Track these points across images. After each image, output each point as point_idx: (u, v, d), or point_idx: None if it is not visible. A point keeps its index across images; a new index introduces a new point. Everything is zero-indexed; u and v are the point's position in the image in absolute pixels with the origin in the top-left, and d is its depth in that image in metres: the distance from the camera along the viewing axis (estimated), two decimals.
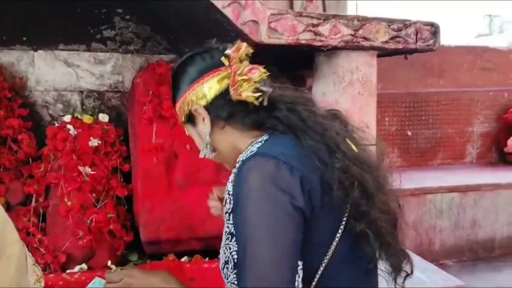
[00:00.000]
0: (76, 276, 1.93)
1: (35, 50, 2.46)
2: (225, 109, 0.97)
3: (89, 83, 2.54)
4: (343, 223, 0.90)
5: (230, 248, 0.89)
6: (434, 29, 1.89)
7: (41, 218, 2.13)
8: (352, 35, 1.73)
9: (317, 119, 0.95)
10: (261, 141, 0.94)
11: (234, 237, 0.88)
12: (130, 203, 2.30)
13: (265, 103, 0.95)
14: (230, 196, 0.90)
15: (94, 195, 2.13)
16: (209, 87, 0.96)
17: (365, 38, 1.75)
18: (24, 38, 2.43)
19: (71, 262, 2.03)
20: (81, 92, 2.55)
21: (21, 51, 2.43)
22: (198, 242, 2.23)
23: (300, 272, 0.85)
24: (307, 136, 0.92)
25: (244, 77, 0.94)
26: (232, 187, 0.91)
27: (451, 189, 2.92)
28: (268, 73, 0.96)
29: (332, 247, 0.89)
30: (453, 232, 2.89)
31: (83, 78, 2.53)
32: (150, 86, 2.31)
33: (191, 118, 1.01)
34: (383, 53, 1.93)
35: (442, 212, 2.88)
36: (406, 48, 1.89)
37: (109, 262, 1.63)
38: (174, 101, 1.03)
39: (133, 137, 2.33)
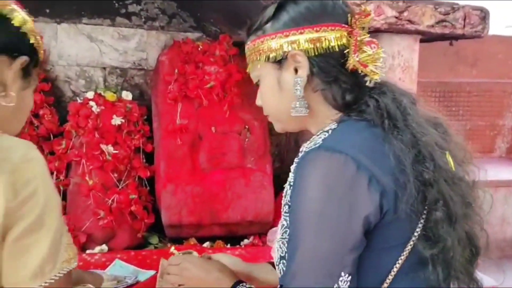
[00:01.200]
0: (96, 257, 1.88)
1: (58, 23, 2.38)
2: (331, 72, 0.86)
3: (112, 59, 2.46)
4: (413, 240, 0.80)
5: (286, 243, 0.82)
6: (483, 14, 1.76)
7: (61, 196, 2.07)
8: (396, 18, 1.62)
9: (419, 120, 0.85)
10: (328, 131, 0.84)
11: None
12: (152, 185, 2.24)
13: (371, 84, 0.86)
14: (290, 188, 0.83)
15: (116, 175, 2.07)
16: (325, 39, 0.84)
17: (410, 21, 1.64)
18: (47, 10, 2.35)
19: (91, 242, 1.98)
20: (104, 68, 2.47)
21: (44, 23, 2.36)
22: (220, 228, 2.17)
23: (343, 285, 0.76)
24: (400, 133, 0.81)
25: (365, 48, 0.83)
26: (292, 179, 0.83)
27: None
28: None
29: (397, 265, 0.80)
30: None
31: (106, 54, 2.45)
32: (176, 65, 2.22)
33: (279, 61, 0.89)
34: (426, 38, 1.81)
35: None
36: (453, 34, 1.76)
37: (172, 248, 1.60)
38: (258, 28, 0.90)
39: (157, 117, 2.26)
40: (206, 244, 2.09)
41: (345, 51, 0.86)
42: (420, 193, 0.78)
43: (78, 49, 2.41)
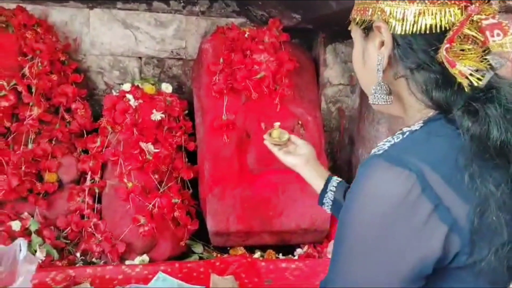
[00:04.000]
0: (137, 269, 1.67)
1: (91, 8, 2.17)
2: (417, 57, 0.64)
3: (149, 48, 2.24)
4: None
5: None
6: None
7: (96, 199, 1.87)
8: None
9: None
10: (404, 133, 0.64)
11: None
12: (194, 187, 2.01)
13: (481, 84, 0.60)
14: None
15: (156, 176, 1.85)
16: (421, 15, 0.61)
17: None
18: None
19: (131, 252, 1.77)
20: (140, 58, 2.25)
21: (75, 8, 2.15)
22: (271, 236, 1.94)
23: None
24: (499, 167, 0.58)
25: (477, 35, 0.58)
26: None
27: None
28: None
29: None
30: None
31: (142, 42, 2.23)
32: (221, 53, 1.99)
33: (366, 28, 0.70)
34: None
35: None
36: None
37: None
38: None
39: (200, 112, 2.03)
40: (258, 255, 1.86)
41: (446, 34, 0.61)
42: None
43: (112, 37, 2.20)
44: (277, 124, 1.24)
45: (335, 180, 1.11)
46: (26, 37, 1.92)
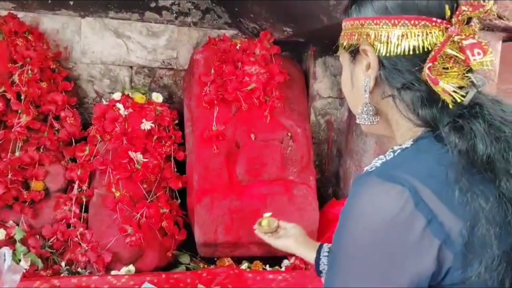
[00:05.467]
0: (123, 279, 1.65)
1: (83, 17, 2.17)
2: (402, 77, 0.66)
3: (140, 57, 2.25)
4: None
5: None
6: None
7: (83, 208, 1.85)
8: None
9: None
10: (395, 151, 0.66)
11: None
12: (183, 197, 2.01)
13: (465, 101, 0.62)
14: None
15: (145, 186, 1.84)
16: (404, 37, 0.64)
17: (499, 17, 1.40)
18: (71, 3, 2.15)
19: (117, 262, 1.76)
20: (131, 67, 2.26)
21: (67, 16, 2.15)
22: (259, 248, 1.93)
23: None
24: (487, 181, 0.59)
25: (457, 54, 0.61)
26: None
27: None
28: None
29: None
30: None
31: (134, 52, 2.24)
32: (212, 64, 2.00)
33: (353, 52, 0.72)
34: (509, 36, 1.57)
35: None
36: None
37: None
38: (347, 10, 0.74)
39: (190, 122, 2.04)
40: (245, 266, 1.86)
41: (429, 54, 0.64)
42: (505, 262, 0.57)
43: (103, 46, 2.20)
44: (267, 214, 1.31)
45: (326, 246, 1.14)
46: (16, 44, 1.91)
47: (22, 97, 1.86)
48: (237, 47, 2.05)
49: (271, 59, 2.05)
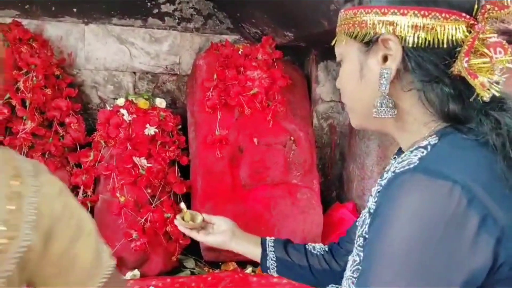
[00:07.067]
0: (128, 284, 1.66)
1: (86, 24, 2.19)
2: (432, 71, 0.65)
3: (143, 63, 2.27)
4: None
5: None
6: None
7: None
8: None
9: None
10: (426, 146, 0.63)
11: None
12: (187, 202, 2.02)
13: (486, 98, 0.62)
14: (369, 217, 0.65)
15: (149, 191, 1.85)
16: (432, 28, 0.63)
17: (501, 20, 1.41)
18: (75, 10, 2.17)
19: (122, 267, 1.77)
20: (134, 73, 2.27)
21: (71, 23, 2.17)
22: None
23: None
24: None
25: (485, 51, 0.61)
26: (374, 205, 0.64)
27: None
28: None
29: None
30: None
31: (137, 58, 2.26)
32: (215, 69, 2.02)
33: (368, 42, 0.69)
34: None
35: None
36: None
37: (182, 204, 1.22)
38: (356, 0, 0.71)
39: (193, 127, 2.05)
40: (249, 270, 1.87)
41: (456, 49, 0.64)
42: None
43: (107, 52, 2.22)
44: (182, 206, 1.17)
45: (270, 240, 1.06)
46: (21, 52, 1.93)
47: (27, 103, 1.87)
48: (239, 52, 2.07)
49: (273, 64, 2.07)
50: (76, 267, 0.73)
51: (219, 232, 1.11)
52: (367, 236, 0.70)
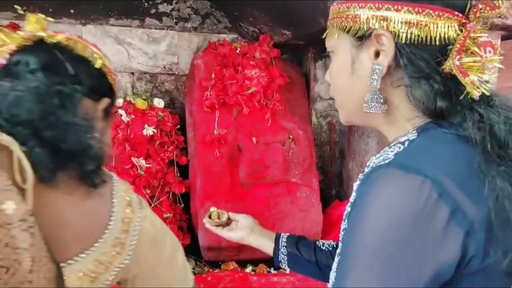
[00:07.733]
0: None
1: (84, 25, 2.19)
2: (422, 67, 0.65)
3: (141, 63, 2.27)
4: None
5: None
6: None
7: None
8: None
9: None
10: (404, 142, 0.64)
11: None
12: (186, 202, 2.02)
13: (476, 97, 0.63)
14: (349, 210, 0.65)
15: (148, 191, 1.86)
16: (425, 25, 0.63)
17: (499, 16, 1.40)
18: (72, 11, 2.17)
19: None
20: (132, 73, 2.27)
21: (69, 25, 2.17)
22: None
23: None
24: (506, 166, 0.60)
25: (476, 49, 0.62)
26: (353, 199, 0.65)
27: None
28: None
29: None
30: None
31: (135, 58, 2.26)
32: (213, 69, 2.02)
33: (361, 37, 0.68)
34: (509, 35, 1.58)
35: None
36: None
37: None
38: None
39: (192, 127, 2.05)
40: (250, 270, 1.87)
41: (448, 47, 0.64)
42: None
43: (105, 53, 2.21)
44: (213, 209, 1.28)
45: (284, 236, 1.14)
46: None
47: None
48: (237, 51, 2.07)
49: (271, 62, 2.06)
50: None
51: (240, 228, 1.21)
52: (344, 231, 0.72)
